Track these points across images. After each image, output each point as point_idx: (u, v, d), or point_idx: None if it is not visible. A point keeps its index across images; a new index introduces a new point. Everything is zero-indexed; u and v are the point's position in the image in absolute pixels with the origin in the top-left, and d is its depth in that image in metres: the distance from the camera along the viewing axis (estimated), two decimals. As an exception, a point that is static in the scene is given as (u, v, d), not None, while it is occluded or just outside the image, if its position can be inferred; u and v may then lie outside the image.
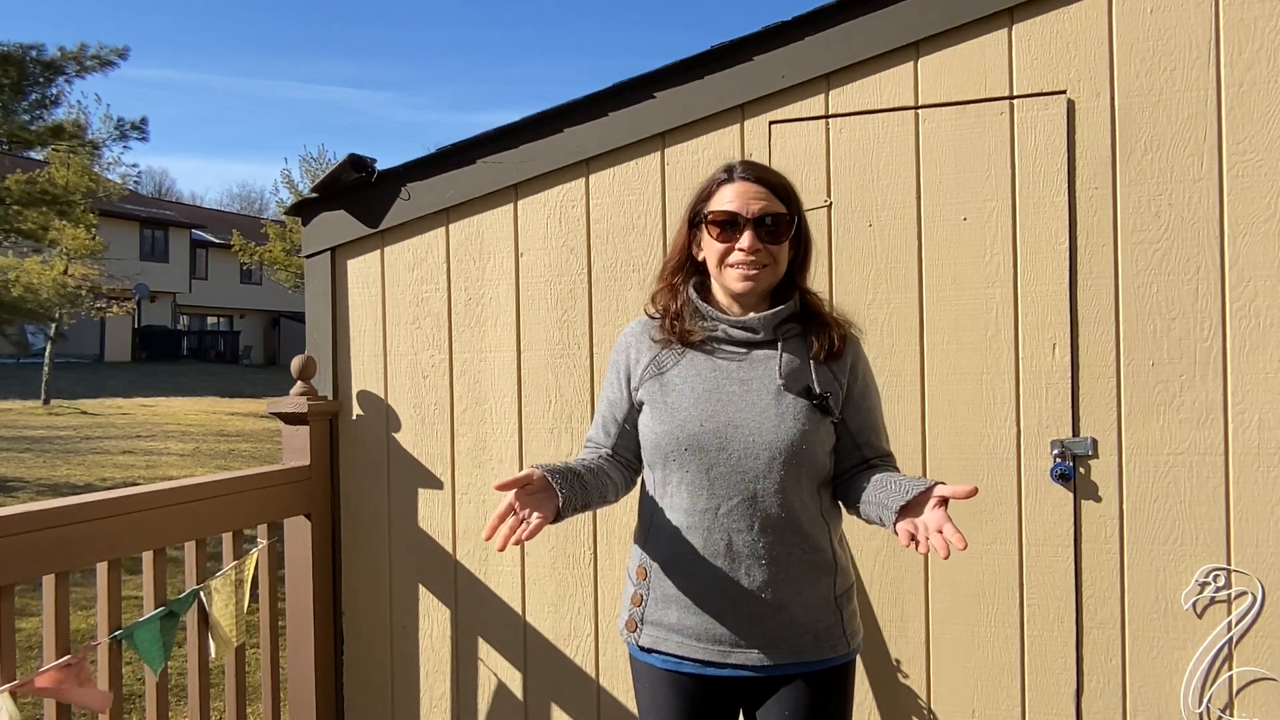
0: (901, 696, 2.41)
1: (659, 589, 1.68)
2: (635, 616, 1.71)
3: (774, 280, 1.68)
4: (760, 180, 1.66)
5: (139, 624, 2.11)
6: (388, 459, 2.84)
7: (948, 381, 2.36)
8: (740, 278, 1.64)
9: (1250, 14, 2.17)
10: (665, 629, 1.67)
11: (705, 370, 1.67)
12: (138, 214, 32.71)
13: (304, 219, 2.93)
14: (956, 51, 2.36)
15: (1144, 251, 2.24)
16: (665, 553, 1.68)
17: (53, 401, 17.97)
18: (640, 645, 1.71)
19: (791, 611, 1.63)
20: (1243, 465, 2.18)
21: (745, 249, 1.62)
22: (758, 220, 1.63)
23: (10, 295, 14.43)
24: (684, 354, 1.70)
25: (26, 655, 4.27)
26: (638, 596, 1.71)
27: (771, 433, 1.61)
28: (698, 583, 1.64)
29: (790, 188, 1.70)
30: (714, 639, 1.64)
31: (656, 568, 1.69)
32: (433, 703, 2.79)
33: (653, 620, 1.69)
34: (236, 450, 12.86)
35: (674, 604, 1.66)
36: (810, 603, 1.64)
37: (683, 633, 1.66)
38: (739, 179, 1.67)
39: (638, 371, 1.73)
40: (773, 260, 1.65)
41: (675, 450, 1.64)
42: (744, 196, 1.64)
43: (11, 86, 12.33)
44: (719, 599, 1.63)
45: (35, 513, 1.95)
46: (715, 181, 1.70)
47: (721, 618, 1.63)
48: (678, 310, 1.71)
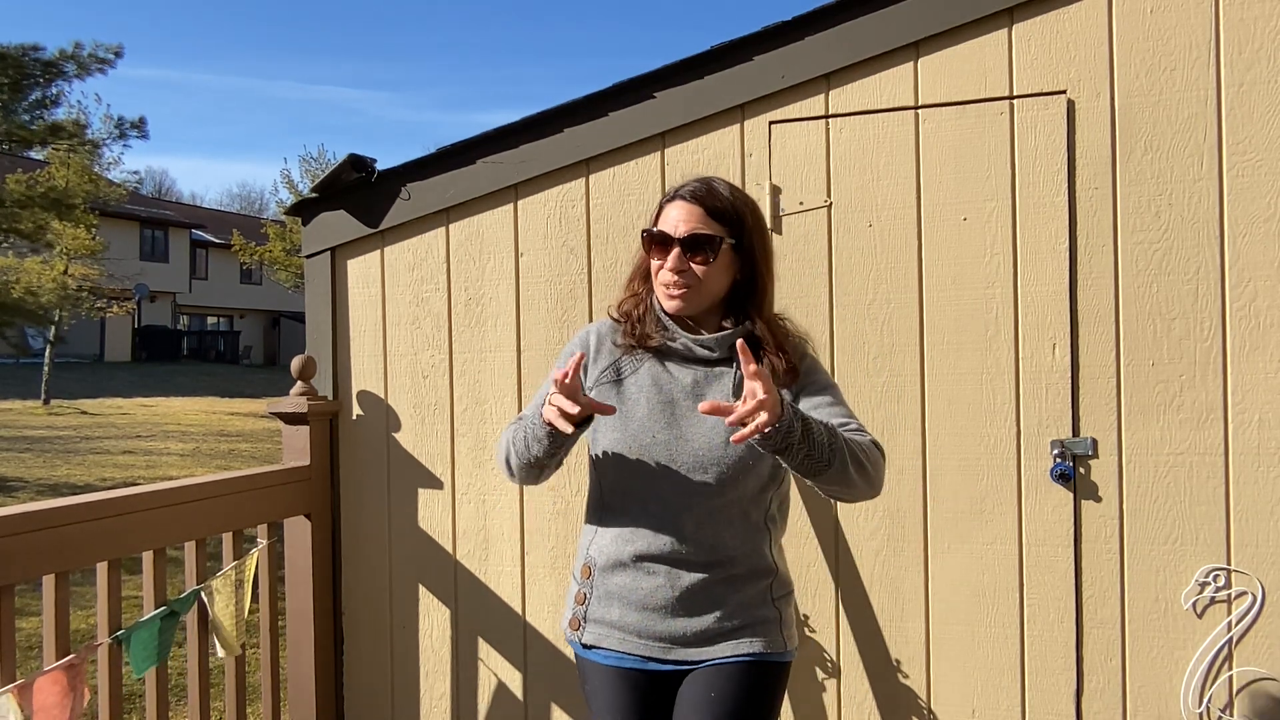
0: (901, 696, 2.41)
1: (602, 587, 1.72)
2: (578, 614, 1.75)
3: (702, 302, 1.70)
4: (699, 201, 1.68)
5: (139, 624, 2.11)
6: (388, 459, 2.84)
7: (948, 381, 2.36)
8: (667, 296, 1.69)
9: (1250, 14, 2.17)
10: (607, 626, 1.71)
11: (662, 382, 1.71)
12: (138, 214, 32.70)
13: (304, 219, 2.93)
14: (956, 51, 2.36)
15: (1144, 251, 2.24)
16: (609, 553, 1.71)
17: (53, 401, 17.96)
18: (583, 642, 1.74)
19: (730, 608, 1.67)
20: (1243, 465, 2.18)
21: (670, 268, 1.66)
22: (685, 241, 1.65)
23: (10, 297, 14.42)
24: (642, 363, 1.73)
25: (26, 655, 4.27)
26: (581, 595, 1.75)
27: (720, 449, 1.64)
28: (640, 582, 1.68)
29: (735, 211, 1.69)
30: (655, 636, 1.67)
31: (600, 566, 1.72)
32: (433, 703, 2.79)
33: (595, 618, 1.72)
34: (236, 450, 12.86)
35: (616, 601, 1.70)
36: (748, 600, 1.68)
37: (624, 629, 1.69)
38: (678, 198, 1.70)
39: (594, 371, 1.76)
40: (697, 281, 1.66)
41: (626, 459, 1.68)
42: (678, 217, 1.68)
43: (11, 86, 12.33)
44: (660, 598, 1.67)
45: (35, 513, 1.95)
46: (664, 199, 1.74)
47: (663, 616, 1.67)
48: (640, 315, 1.75)
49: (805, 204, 2.47)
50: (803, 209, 2.47)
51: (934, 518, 2.37)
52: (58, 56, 12.56)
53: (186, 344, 34.53)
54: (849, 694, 2.44)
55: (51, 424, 15.15)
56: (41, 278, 16.76)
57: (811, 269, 2.45)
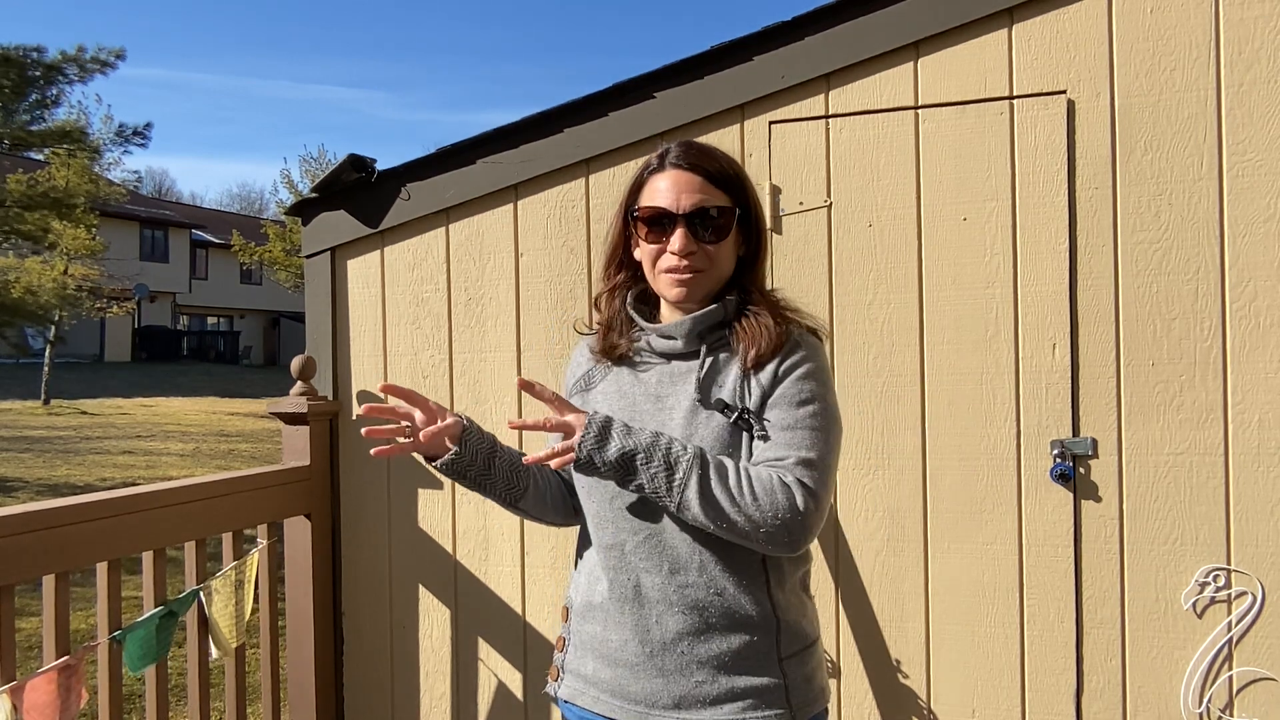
0: (901, 696, 2.41)
1: (578, 634, 1.50)
2: (558, 663, 1.53)
3: (715, 284, 1.43)
4: (696, 167, 1.40)
5: (136, 624, 2.11)
6: (387, 459, 2.83)
7: (948, 381, 2.36)
8: (673, 283, 1.40)
9: (1250, 14, 2.17)
10: (583, 681, 1.48)
11: (626, 386, 1.47)
12: (138, 214, 32.74)
13: (304, 219, 2.93)
14: (956, 51, 2.36)
15: (1144, 251, 2.24)
16: (581, 594, 1.50)
17: (53, 401, 17.97)
18: (561, 697, 1.52)
19: (713, 669, 1.37)
20: (1243, 465, 2.18)
21: (677, 251, 1.38)
22: (691, 216, 1.38)
23: (10, 297, 14.43)
24: (611, 368, 1.51)
25: (26, 655, 4.27)
26: (560, 640, 1.54)
27: None
28: (610, 633, 1.44)
29: (735, 173, 1.43)
30: (628, 697, 1.41)
31: (575, 609, 1.51)
32: (433, 703, 2.79)
33: (572, 669, 1.50)
34: (236, 450, 12.86)
35: (590, 653, 1.47)
36: (741, 661, 1.37)
37: (598, 686, 1.45)
38: (670, 166, 1.42)
39: (566, 386, 1.58)
40: (710, 263, 1.40)
41: (581, 477, 1.46)
42: (676, 188, 1.39)
43: (12, 88, 12.34)
44: (629, 652, 1.41)
45: (35, 513, 1.95)
46: (646, 168, 1.45)
47: (635, 674, 1.40)
48: (610, 319, 1.51)
49: (805, 204, 2.47)
50: (803, 209, 2.47)
51: (934, 518, 2.37)
52: (59, 59, 12.58)
53: (186, 344, 34.55)
54: (849, 694, 2.44)
55: (51, 424, 15.16)
56: (41, 278, 16.78)
57: (811, 269, 2.45)
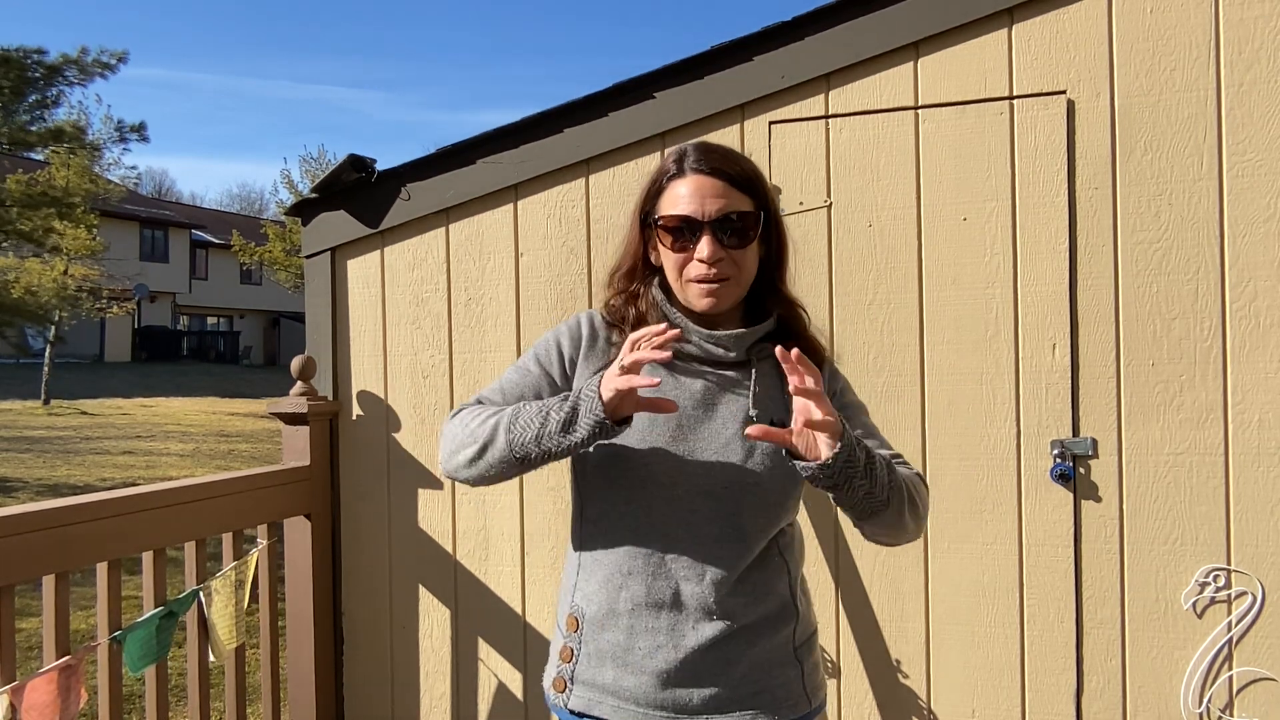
0: (901, 696, 2.41)
1: (593, 643, 1.43)
2: (564, 674, 1.46)
3: (743, 290, 1.42)
4: (718, 171, 1.38)
5: (136, 624, 2.11)
6: (388, 459, 2.84)
7: (948, 381, 2.36)
8: (703, 293, 1.38)
9: (1250, 14, 2.17)
10: (600, 690, 1.42)
11: (667, 387, 1.41)
12: (138, 214, 32.74)
13: (304, 219, 2.93)
14: (956, 52, 2.36)
15: (1144, 251, 2.24)
16: (599, 602, 1.42)
17: (53, 401, 17.96)
18: (570, 708, 1.45)
19: (744, 668, 1.40)
20: (1243, 465, 2.18)
21: (705, 259, 1.35)
22: (718, 223, 1.36)
23: (10, 297, 14.44)
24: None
25: (26, 655, 4.27)
26: (567, 650, 1.46)
27: (735, 470, 1.37)
28: (638, 640, 1.39)
29: (755, 176, 1.42)
30: (656, 704, 1.39)
31: (590, 617, 1.43)
32: (433, 703, 2.79)
33: (585, 680, 1.43)
34: (236, 450, 12.86)
35: (609, 661, 1.41)
36: (766, 657, 1.41)
37: (620, 695, 1.41)
38: (691, 171, 1.39)
39: (585, 370, 1.46)
40: (738, 269, 1.38)
41: (619, 480, 1.41)
42: (700, 194, 1.36)
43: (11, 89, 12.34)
44: (661, 659, 1.38)
45: (35, 513, 1.95)
46: (664, 174, 1.42)
47: (665, 679, 1.39)
48: (641, 315, 1.44)
49: (805, 204, 2.47)
50: (803, 209, 2.47)
51: (934, 517, 2.37)
52: (60, 61, 12.57)
53: (186, 344, 34.53)
54: (849, 694, 2.44)
55: (51, 424, 15.16)
56: (41, 278, 16.78)
57: (811, 269, 2.45)
